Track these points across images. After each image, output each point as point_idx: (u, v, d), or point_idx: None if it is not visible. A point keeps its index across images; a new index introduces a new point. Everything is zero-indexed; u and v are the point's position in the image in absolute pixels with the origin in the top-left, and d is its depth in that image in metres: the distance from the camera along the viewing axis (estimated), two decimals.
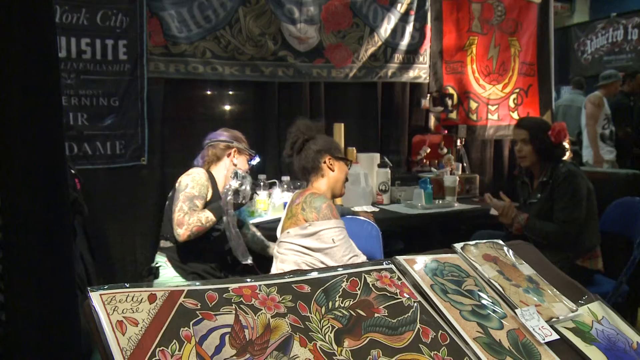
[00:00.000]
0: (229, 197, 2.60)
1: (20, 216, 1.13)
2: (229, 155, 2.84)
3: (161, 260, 2.70)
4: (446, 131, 4.56)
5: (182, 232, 2.51)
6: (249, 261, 2.63)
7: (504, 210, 3.08)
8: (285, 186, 3.38)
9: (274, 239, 2.65)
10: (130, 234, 3.56)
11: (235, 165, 2.82)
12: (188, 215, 2.52)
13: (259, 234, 3.05)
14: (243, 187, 2.65)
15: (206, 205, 2.62)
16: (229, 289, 0.98)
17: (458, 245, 1.35)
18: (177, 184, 2.67)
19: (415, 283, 1.17)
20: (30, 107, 1.14)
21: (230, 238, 2.64)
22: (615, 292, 2.93)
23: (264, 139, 4.00)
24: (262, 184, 3.38)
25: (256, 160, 2.97)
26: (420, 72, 4.49)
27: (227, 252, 2.74)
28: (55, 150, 1.21)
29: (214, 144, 2.85)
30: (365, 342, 0.99)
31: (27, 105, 1.14)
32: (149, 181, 3.54)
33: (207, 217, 2.56)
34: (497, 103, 4.76)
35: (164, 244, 2.73)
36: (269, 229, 2.95)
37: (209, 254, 2.74)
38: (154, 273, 2.64)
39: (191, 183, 2.62)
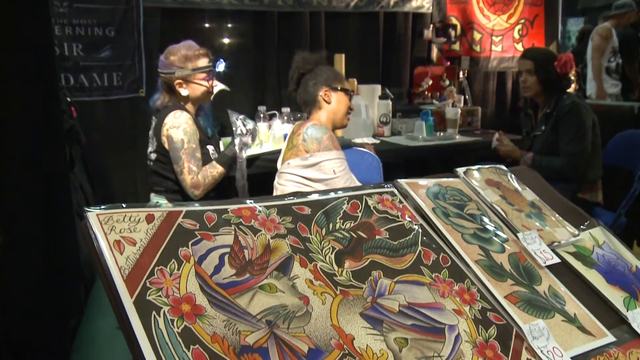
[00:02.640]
0: (242, 152, 2.57)
1: (14, 142, 1.10)
2: (175, 86, 2.56)
3: (161, 200, 2.59)
4: (449, 63, 4.49)
5: (199, 193, 2.49)
6: None
7: (509, 154, 3.08)
8: (286, 118, 3.34)
9: (274, 170, 2.63)
10: (130, 166, 3.55)
11: (184, 96, 2.57)
12: (201, 174, 2.48)
13: None
14: (252, 135, 2.62)
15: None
16: (228, 210, 0.96)
17: (460, 170, 1.34)
18: (163, 137, 2.50)
19: (416, 206, 1.16)
20: (19, 30, 1.10)
21: (238, 181, 2.63)
22: (613, 224, 2.93)
23: (264, 71, 3.94)
24: (262, 115, 3.34)
25: (221, 65, 2.67)
26: (423, 1, 4.37)
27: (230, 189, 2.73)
28: (47, 75, 1.17)
29: (161, 75, 2.58)
30: (366, 263, 0.99)
31: (15, 30, 1.10)
32: (147, 113, 3.49)
33: (218, 172, 2.53)
34: (501, 34, 4.66)
35: (157, 188, 2.61)
36: (269, 161, 2.93)
37: (214, 193, 2.71)
38: None
39: (185, 137, 2.47)
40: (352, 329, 0.87)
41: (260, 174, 3.04)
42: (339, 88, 2.47)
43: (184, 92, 2.57)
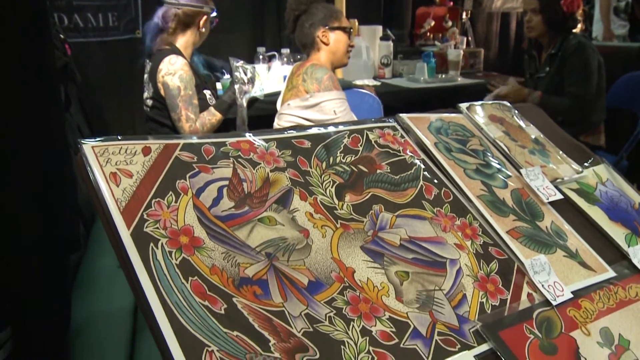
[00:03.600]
0: (243, 100, 2.53)
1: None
2: (198, 22, 2.52)
3: None
4: (451, 3, 4.39)
5: None
6: None
7: (515, 93, 3.01)
8: (285, 59, 3.28)
9: (273, 112, 2.60)
10: (128, 110, 3.50)
11: (202, 32, 2.56)
12: (199, 122, 2.44)
13: None
14: (252, 82, 2.57)
15: None
16: (227, 143, 0.94)
17: (464, 105, 1.31)
18: (158, 84, 2.46)
19: (418, 141, 1.14)
20: None
21: (238, 127, 2.61)
22: (614, 166, 2.92)
23: (263, 11, 3.85)
24: (261, 57, 3.28)
25: (214, 14, 2.60)
26: None
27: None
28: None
29: (182, 8, 2.49)
30: (366, 197, 0.97)
31: None
32: (144, 55, 3.42)
33: (217, 118, 2.49)
34: None
35: (155, 134, 2.59)
36: (269, 102, 2.89)
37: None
38: None
39: (182, 83, 2.41)
40: (353, 262, 0.86)
41: (260, 116, 3.01)
42: (337, 27, 2.41)
43: (204, 29, 2.53)
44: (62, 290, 1.16)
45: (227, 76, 2.85)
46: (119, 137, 0.88)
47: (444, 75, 3.80)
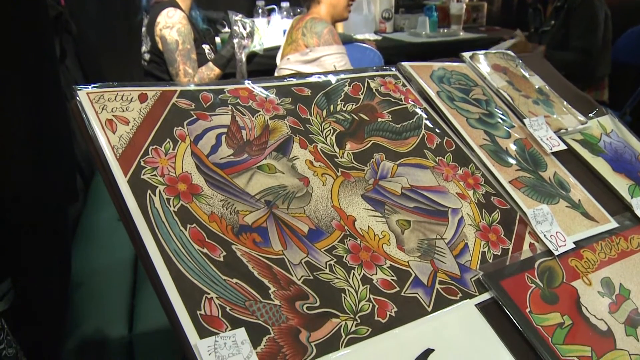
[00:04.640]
0: (242, 54, 2.49)
1: None
2: None
3: None
4: None
5: None
6: None
7: (520, 48, 2.95)
8: (285, 12, 3.22)
9: (273, 67, 2.56)
10: (126, 65, 3.44)
11: None
12: (197, 77, 2.41)
13: None
14: (251, 37, 2.52)
15: None
16: (225, 90, 0.92)
17: (467, 54, 1.28)
18: (156, 38, 2.43)
19: (420, 90, 1.12)
20: None
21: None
22: None
23: None
24: (260, 10, 3.21)
25: None
26: None
27: None
28: None
29: None
30: (367, 145, 0.96)
31: None
32: (142, 9, 3.35)
33: (215, 73, 2.46)
34: None
35: None
36: (268, 57, 2.85)
37: None
38: None
39: (180, 37, 2.38)
40: (354, 210, 0.85)
41: (259, 71, 2.97)
42: None
43: None
44: (61, 240, 1.15)
45: (227, 29, 2.80)
46: (115, 84, 0.86)
47: (446, 30, 3.75)
